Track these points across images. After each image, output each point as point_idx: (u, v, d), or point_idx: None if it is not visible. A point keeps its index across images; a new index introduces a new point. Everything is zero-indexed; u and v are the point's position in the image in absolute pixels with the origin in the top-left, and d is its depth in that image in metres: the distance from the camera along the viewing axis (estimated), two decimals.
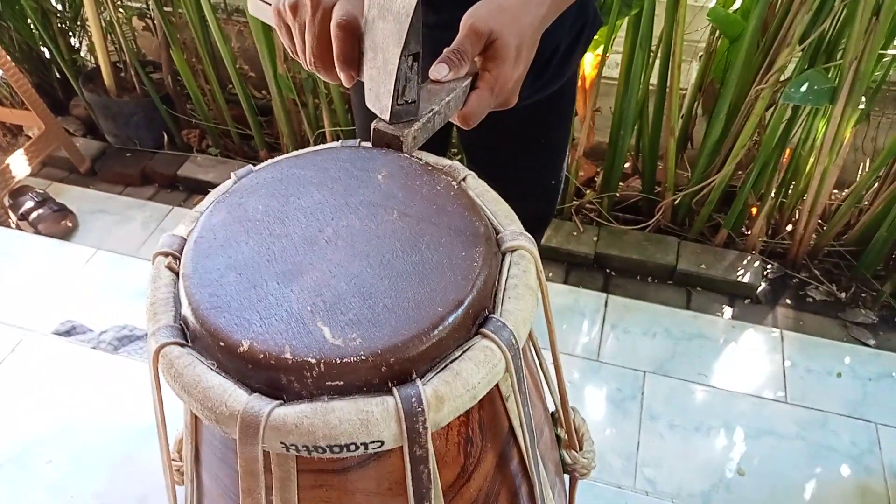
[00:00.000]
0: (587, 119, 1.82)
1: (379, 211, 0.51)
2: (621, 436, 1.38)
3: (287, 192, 0.53)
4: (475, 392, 0.43)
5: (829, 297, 1.83)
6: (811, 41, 1.44)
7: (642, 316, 1.69)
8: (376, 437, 0.41)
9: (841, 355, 1.59)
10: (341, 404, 0.41)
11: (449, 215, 0.51)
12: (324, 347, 0.41)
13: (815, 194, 1.71)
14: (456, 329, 0.44)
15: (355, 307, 0.44)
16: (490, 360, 0.44)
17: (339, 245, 0.48)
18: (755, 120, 1.60)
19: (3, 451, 1.12)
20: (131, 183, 2.21)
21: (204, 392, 0.42)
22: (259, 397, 0.42)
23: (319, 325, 0.43)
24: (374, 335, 0.42)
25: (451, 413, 0.43)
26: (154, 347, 0.45)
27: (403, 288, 0.45)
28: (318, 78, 1.87)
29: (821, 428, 1.39)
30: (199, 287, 0.46)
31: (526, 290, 0.48)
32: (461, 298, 0.45)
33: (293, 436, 0.40)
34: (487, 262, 0.48)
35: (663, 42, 1.62)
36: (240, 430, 0.41)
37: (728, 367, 1.55)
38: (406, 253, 0.48)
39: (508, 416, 0.52)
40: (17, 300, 1.56)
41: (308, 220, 0.50)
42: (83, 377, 1.24)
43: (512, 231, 0.52)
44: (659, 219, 1.93)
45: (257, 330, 0.43)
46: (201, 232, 0.50)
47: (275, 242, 0.49)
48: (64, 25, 2.25)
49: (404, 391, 0.41)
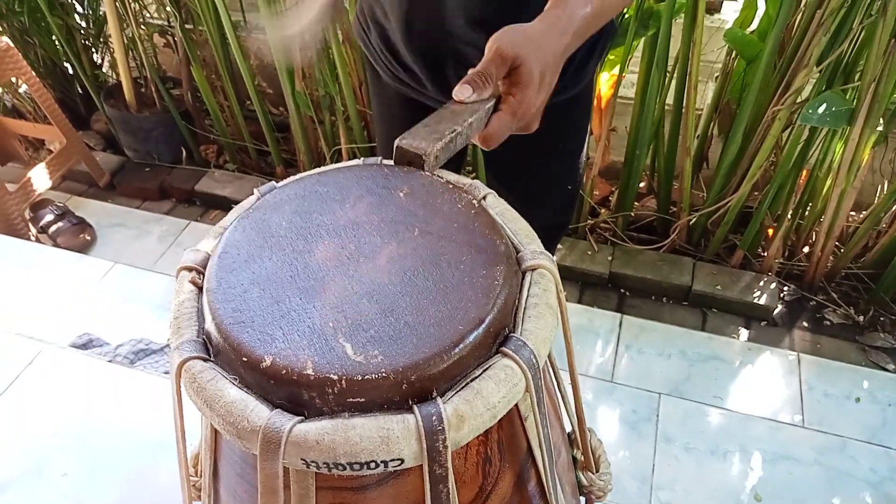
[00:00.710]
0: (603, 138, 1.82)
1: (400, 228, 0.51)
2: (636, 458, 1.36)
3: (310, 209, 0.54)
4: (495, 411, 0.43)
5: (846, 321, 1.81)
6: (829, 63, 1.44)
7: (657, 337, 1.68)
8: (396, 454, 0.41)
9: (859, 380, 1.56)
10: (362, 421, 0.41)
11: (470, 233, 0.51)
12: (345, 364, 0.42)
13: (833, 216, 1.69)
14: (476, 347, 0.44)
15: (377, 324, 0.44)
16: (510, 380, 0.44)
17: (360, 262, 0.49)
18: (772, 141, 1.60)
19: (20, 463, 1.13)
20: (149, 197, 2.24)
21: (226, 407, 0.42)
22: (281, 413, 0.42)
23: (341, 341, 0.43)
24: (396, 352, 0.42)
25: (472, 432, 0.43)
26: (178, 361, 0.45)
27: (425, 306, 0.45)
28: (336, 96, 1.90)
29: (839, 453, 1.37)
30: (223, 302, 0.46)
31: (546, 309, 0.48)
32: (482, 317, 0.45)
33: (314, 452, 0.40)
34: (508, 280, 0.48)
35: (679, 62, 1.62)
36: (261, 445, 0.41)
37: (744, 390, 1.53)
38: (427, 270, 0.48)
39: (527, 437, 0.52)
40: (36, 312, 1.58)
41: (330, 236, 0.51)
42: (99, 390, 1.25)
43: (532, 250, 0.52)
44: (674, 239, 1.92)
45: (280, 346, 0.43)
46: (225, 247, 0.51)
47: (297, 259, 0.49)
48: (87, 42, 2.29)
49: (425, 409, 0.41)
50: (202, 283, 0.50)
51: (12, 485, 1.09)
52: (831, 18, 1.35)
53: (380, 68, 1.02)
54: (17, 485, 1.09)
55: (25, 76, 1.95)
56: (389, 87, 1.03)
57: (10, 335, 1.37)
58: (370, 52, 1.02)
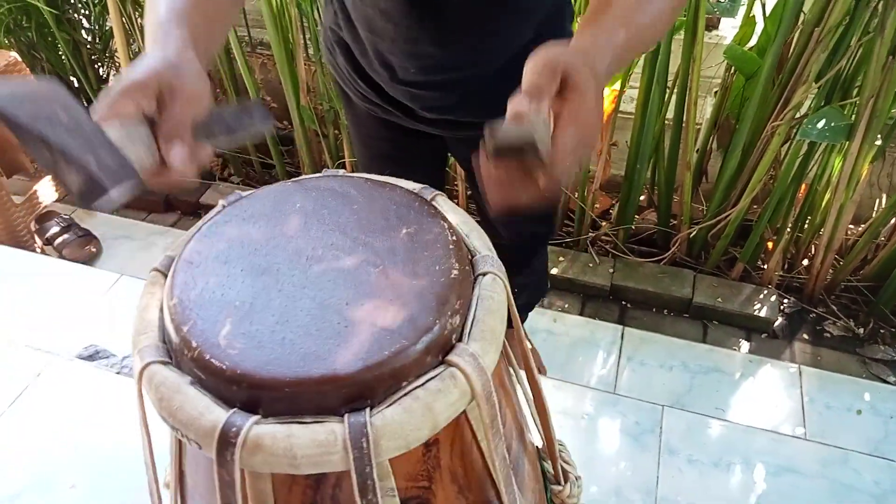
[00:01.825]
0: (604, 152, 1.84)
1: (355, 235, 0.52)
2: (640, 470, 1.37)
3: (271, 219, 0.55)
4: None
5: (847, 333, 1.82)
6: (827, 79, 1.46)
7: (658, 349, 1.69)
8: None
9: (860, 392, 1.57)
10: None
11: (425, 240, 0.52)
12: (290, 369, 0.43)
13: (832, 229, 1.71)
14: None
15: (323, 330, 0.45)
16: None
17: (314, 270, 0.50)
18: (771, 155, 1.62)
19: (28, 475, 1.13)
20: (154, 210, 2.25)
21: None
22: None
23: (287, 346, 0.44)
24: (337, 360, 0.43)
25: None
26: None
27: (372, 314, 0.46)
28: (340, 110, 1.92)
29: (842, 466, 1.38)
30: (180, 307, 0.48)
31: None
32: (429, 326, 0.45)
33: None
34: (457, 290, 0.48)
35: (679, 78, 1.65)
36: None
37: (746, 402, 1.54)
38: (380, 279, 0.49)
39: (480, 449, 0.51)
40: (43, 324, 1.58)
41: (287, 244, 0.52)
42: (107, 402, 1.26)
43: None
44: (675, 251, 1.93)
45: (233, 349, 0.44)
46: (188, 254, 0.53)
47: (256, 266, 0.51)
48: (93, 56, 2.31)
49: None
50: (164, 289, 0.51)
51: (22, 496, 1.09)
52: (829, 36, 1.37)
53: (349, 90, 1.02)
54: (26, 496, 1.10)
55: None
56: (361, 108, 1.03)
57: (19, 347, 1.38)
58: (339, 75, 1.02)
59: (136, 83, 0.50)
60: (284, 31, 1.83)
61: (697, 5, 1.46)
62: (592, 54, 0.56)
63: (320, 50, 1.85)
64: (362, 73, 0.95)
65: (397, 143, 1.07)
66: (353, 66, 0.95)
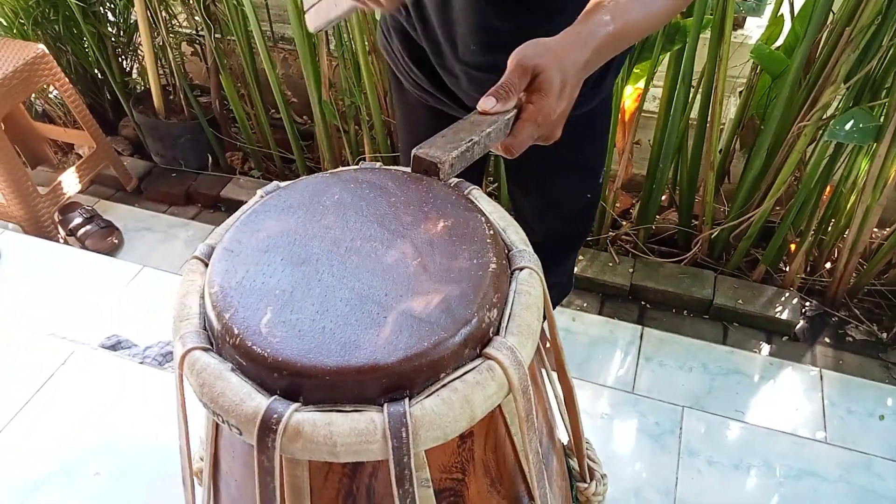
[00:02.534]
0: (626, 151, 1.83)
1: (395, 228, 0.53)
2: (660, 470, 1.36)
3: (308, 209, 0.55)
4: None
5: (869, 337, 1.80)
6: (857, 79, 1.44)
7: (678, 349, 1.68)
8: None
9: (883, 397, 1.55)
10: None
11: (462, 233, 0.52)
12: (330, 357, 0.43)
13: (857, 232, 1.69)
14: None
15: (363, 321, 0.45)
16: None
17: (352, 261, 0.50)
18: (797, 156, 1.60)
19: (54, 461, 1.15)
20: (175, 202, 2.27)
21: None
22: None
23: (328, 335, 0.44)
24: (377, 350, 0.43)
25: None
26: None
27: (411, 305, 0.46)
28: (362, 105, 1.92)
29: (865, 471, 1.36)
30: (223, 296, 0.48)
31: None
32: (468, 318, 0.45)
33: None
34: (495, 283, 0.48)
35: (705, 77, 1.63)
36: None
37: (766, 405, 1.53)
38: (418, 271, 0.49)
39: (513, 443, 0.52)
40: (66, 314, 1.60)
41: (326, 235, 0.53)
42: (131, 391, 1.27)
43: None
44: (696, 252, 1.92)
45: (274, 338, 0.45)
46: (228, 243, 0.53)
47: (295, 256, 0.51)
48: (118, 49, 2.34)
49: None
50: (205, 277, 0.51)
51: (47, 483, 1.11)
52: (861, 35, 1.36)
53: (402, 76, 1.03)
54: (51, 483, 1.11)
55: (59, 82, 1.99)
56: (411, 95, 1.05)
57: (43, 336, 1.40)
58: (392, 61, 1.03)
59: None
60: None
61: (725, 4, 1.44)
62: (569, 49, 0.61)
63: (343, 45, 1.85)
64: (418, 59, 0.96)
65: None
66: (410, 53, 0.97)
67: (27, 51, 1.90)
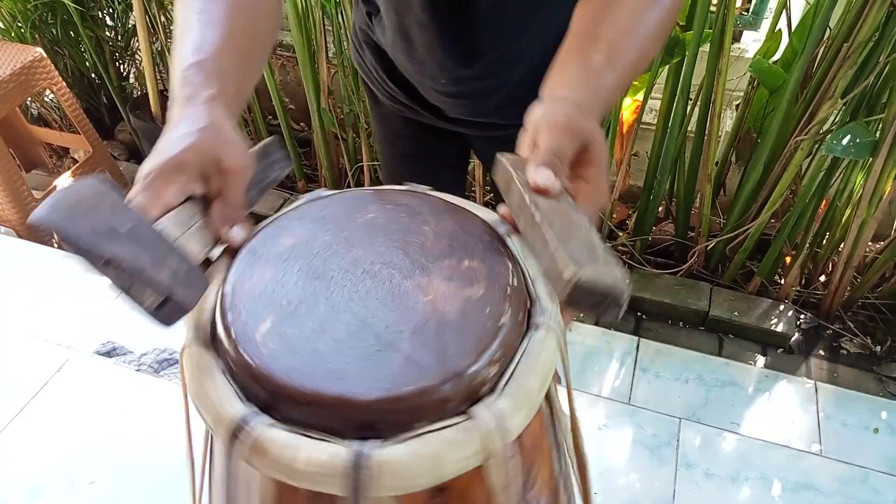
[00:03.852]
0: (624, 163, 1.84)
1: (415, 258, 0.50)
2: (657, 482, 1.36)
3: (341, 223, 0.54)
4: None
5: (863, 350, 1.81)
6: (854, 95, 1.46)
7: (674, 361, 1.68)
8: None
9: (877, 410, 1.56)
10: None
11: (483, 276, 0.49)
12: (311, 381, 0.42)
13: (852, 246, 1.70)
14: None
15: (355, 351, 0.44)
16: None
17: (365, 285, 0.49)
18: (794, 170, 1.61)
19: (49, 471, 1.14)
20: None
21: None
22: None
23: (317, 357, 0.44)
24: (359, 383, 0.42)
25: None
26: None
27: (407, 343, 0.44)
28: (360, 113, 1.92)
29: (862, 485, 1.37)
30: (232, 297, 0.48)
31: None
32: (460, 371, 0.43)
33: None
34: (502, 338, 0.45)
35: (703, 90, 1.64)
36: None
37: (762, 418, 1.53)
38: (426, 309, 0.47)
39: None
40: (61, 319, 1.59)
41: (349, 253, 0.52)
42: (127, 398, 1.26)
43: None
44: (692, 264, 1.93)
45: (268, 347, 0.44)
46: (254, 244, 0.53)
47: (312, 269, 0.50)
48: (115, 54, 2.33)
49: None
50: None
51: (43, 491, 1.09)
52: (858, 51, 1.37)
53: (376, 89, 1.02)
54: (47, 492, 1.10)
55: (56, 86, 1.98)
56: (387, 107, 1.03)
57: (39, 341, 1.38)
58: (365, 74, 1.02)
59: (176, 163, 0.46)
60: (308, 33, 1.84)
61: (725, 18, 1.46)
62: (596, 108, 0.52)
63: (343, 52, 1.85)
64: (391, 73, 0.95)
65: (422, 143, 1.07)
66: (383, 66, 0.96)
67: (25, 54, 1.89)
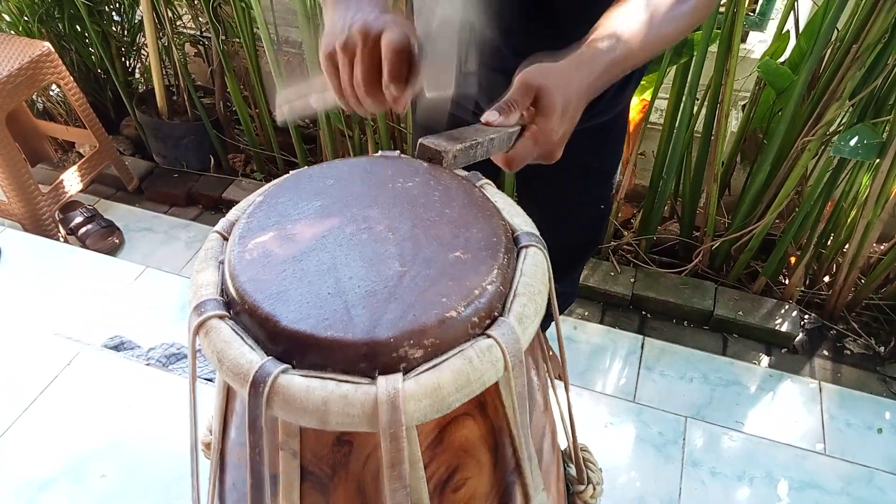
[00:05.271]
0: (631, 162, 1.84)
1: (410, 207, 0.55)
2: (663, 480, 1.37)
3: (330, 188, 0.58)
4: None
5: (867, 351, 1.82)
6: (861, 96, 1.46)
7: (678, 360, 1.69)
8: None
9: (881, 410, 1.57)
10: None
11: (474, 215, 0.55)
12: (331, 325, 0.44)
13: (857, 247, 1.71)
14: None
15: (369, 295, 0.47)
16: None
17: (369, 236, 0.52)
18: (800, 171, 1.62)
19: (59, 463, 1.14)
20: (177, 203, 2.26)
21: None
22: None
23: (332, 303, 0.46)
24: (378, 322, 0.44)
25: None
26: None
27: (416, 280, 0.48)
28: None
29: (866, 484, 1.37)
30: (239, 261, 0.50)
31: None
32: (470, 298, 0.47)
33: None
34: (503, 267, 0.50)
35: (711, 90, 1.65)
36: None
37: (767, 417, 1.54)
38: (427, 246, 0.51)
39: (509, 428, 0.52)
40: (69, 313, 1.59)
41: (345, 212, 0.55)
42: (137, 392, 1.27)
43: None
44: (697, 263, 1.94)
45: (285, 305, 0.46)
46: (249, 217, 0.55)
47: (311, 229, 0.53)
48: (122, 49, 2.33)
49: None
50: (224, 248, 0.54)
51: (53, 484, 1.10)
52: (867, 53, 1.38)
53: None
54: (57, 485, 1.10)
55: (63, 80, 1.98)
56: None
57: (48, 335, 1.39)
58: None
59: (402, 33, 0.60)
60: (317, 29, 1.84)
61: (734, 19, 1.46)
62: (574, 73, 0.62)
63: None
64: None
65: None
66: None
67: (32, 48, 1.89)
